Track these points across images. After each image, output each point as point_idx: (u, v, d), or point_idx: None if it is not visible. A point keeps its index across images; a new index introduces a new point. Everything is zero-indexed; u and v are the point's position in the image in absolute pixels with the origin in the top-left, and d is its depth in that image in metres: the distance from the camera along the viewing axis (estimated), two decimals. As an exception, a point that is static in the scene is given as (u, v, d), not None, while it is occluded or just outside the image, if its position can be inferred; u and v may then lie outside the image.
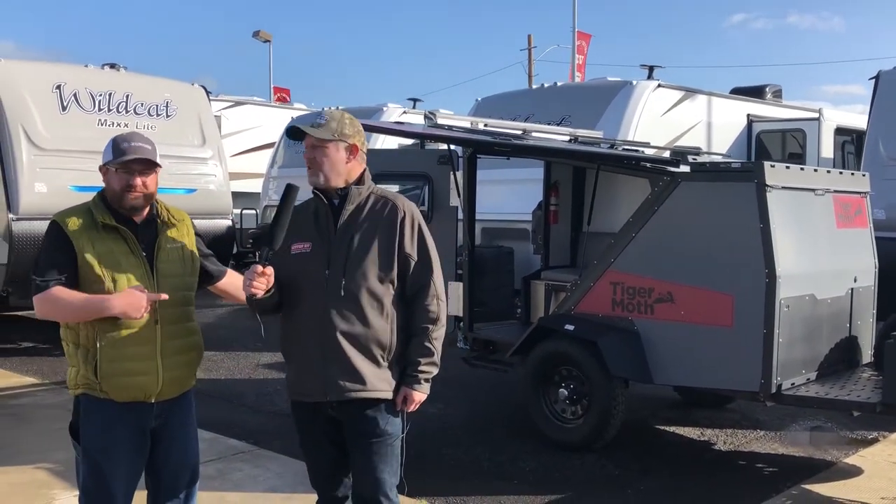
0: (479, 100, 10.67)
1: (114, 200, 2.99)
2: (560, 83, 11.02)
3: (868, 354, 5.84)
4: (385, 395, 2.99)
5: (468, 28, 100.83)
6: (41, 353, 8.52)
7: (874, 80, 8.33)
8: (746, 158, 10.09)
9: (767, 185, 4.93)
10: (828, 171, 5.91)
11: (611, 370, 5.35)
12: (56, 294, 2.87)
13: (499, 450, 5.64)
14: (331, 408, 2.99)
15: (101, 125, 8.63)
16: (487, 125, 6.47)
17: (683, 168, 5.43)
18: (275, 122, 14.98)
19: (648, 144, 7.60)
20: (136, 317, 2.87)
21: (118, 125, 8.64)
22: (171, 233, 3.09)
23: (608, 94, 9.37)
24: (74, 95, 8.64)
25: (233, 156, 14.03)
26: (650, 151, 7.32)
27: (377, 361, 2.96)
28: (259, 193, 14.05)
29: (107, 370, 2.90)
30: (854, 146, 10.54)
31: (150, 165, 3.01)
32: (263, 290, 2.87)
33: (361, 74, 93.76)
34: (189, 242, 3.15)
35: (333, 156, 2.98)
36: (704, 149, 9.31)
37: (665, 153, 7.33)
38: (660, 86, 9.45)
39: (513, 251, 7.40)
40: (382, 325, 2.95)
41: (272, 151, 14.06)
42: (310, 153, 2.99)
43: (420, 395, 3.02)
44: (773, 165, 5.09)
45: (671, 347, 5.27)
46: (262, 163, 14.39)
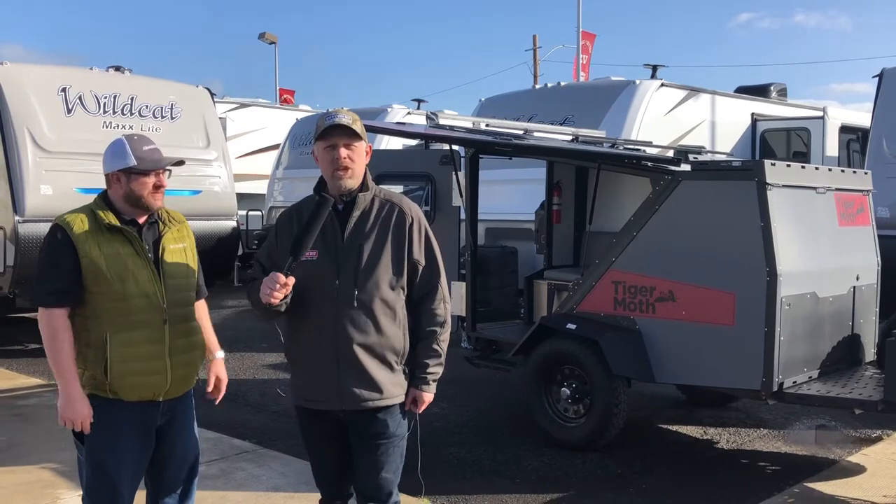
0: (483, 100, 10.69)
1: (134, 202, 3.00)
2: (563, 83, 11.03)
3: (870, 352, 5.82)
4: (399, 400, 3.00)
5: (473, 29, 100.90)
6: (48, 355, 8.54)
7: (878, 78, 8.31)
8: (751, 157, 10.07)
9: (768, 184, 4.93)
10: (829, 170, 5.90)
11: (613, 369, 5.36)
12: (56, 323, 2.91)
13: (501, 449, 5.65)
14: (342, 412, 2.98)
15: (106, 127, 8.69)
16: (489, 125, 6.49)
17: (684, 167, 5.44)
18: (280, 124, 15.03)
19: (651, 143, 7.60)
20: (62, 423, 2.92)
21: (123, 127, 8.71)
22: (173, 234, 3.12)
23: (611, 94, 9.37)
24: (79, 98, 8.70)
25: (238, 157, 14.09)
26: (653, 150, 7.32)
27: (391, 367, 2.96)
28: (264, 195, 14.10)
29: (118, 370, 2.92)
30: (859, 144, 10.50)
31: (176, 164, 3.09)
32: (281, 300, 2.83)
33: (366, 75, 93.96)
34: (189, 244, 3.19)
35: (362, 156, 2.94)
36: (708, 148, 9.31)
37: (668, 152, 7.33)
38: (663, 85, 9.44)
39: (517, 251, 7.41)
40: (396, 332, 2.95)
41: (277, 153, 14.11)
42: (343, 152, 2.88)
43: (429, 397, 3.04)
44: (774, 164, 5.09)
45: (673, 346, 5.27)
46: (268, 164, 14.45)
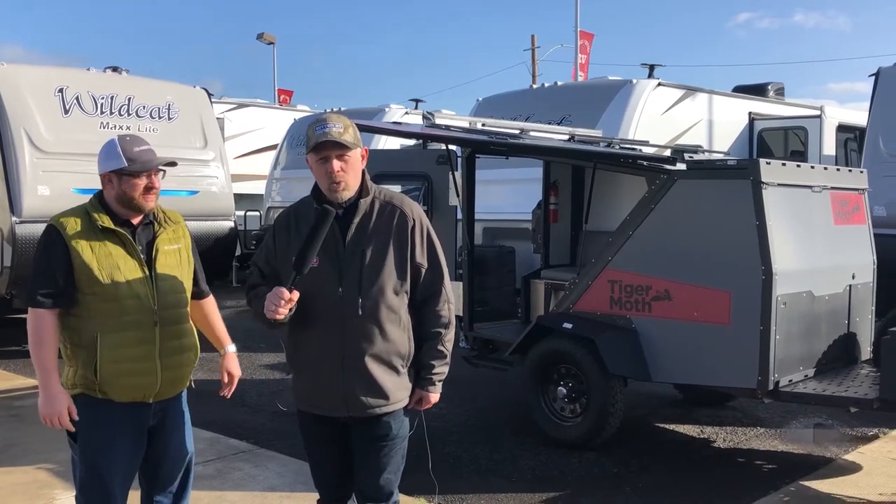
0: (480, 100, 10.69)
1: (127, 204, 2.99)
2: (560, 83, 11.02)
3: (867, 351, 5.83)
4: (404, 403, 2.99)
5: (472, 29, 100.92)
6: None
7: (874, 77, 8.32)
8: (748, 156, 10.08)
9: (763, 183, 4.93)
10: (825, 168, 5.91)
11: (609, 368, 5.37)
12: (43, 323, 2.93)
13: (498, 448, 5.66)
14: (346, 417, 2.96)
15: (104, 128, 8.69)
16: (485, 125, 6.49)
17: (680, 166, 5.44)
18: (278, 124, 15.02)
19: (647, 143, 7.61)
20: (43, 420, 2.95)
21: (120, 128, 8.71)
22: (168, 235, 3.11)
23: (608, 93, 9.37)
24: (77, 98, 8.70)
25: (236, 157, 14.08)
26: (650, 150, 7.32)
27: (397, 371, 2.95)
28: (262, 195, 14.10)
29: (107, 371, 2.93)
30: (857, 143, 10.51)
31: (168, 165, 3.08)
32: (286, 314, 2.80)
33: (365, 75, 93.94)
34: (185, 245, 3.18)
35: (356, 164, 2.89)
36: (706, 147, 9.31)
37: (665, 151, 7.33)
38: (660, 84, 9.44)
39: (514, 250, 7.41)
40: (401, 337, 2.93)
41: (275, 153, 14.10)
42: (336, 165, 2.82)
43: (434, 397, 3.04)
44: (769, 163, 5.09)
45: (669, 345, 5.28)
46: (266, 164, 14.44)
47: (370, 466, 3.00)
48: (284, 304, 2.77)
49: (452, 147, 6.63)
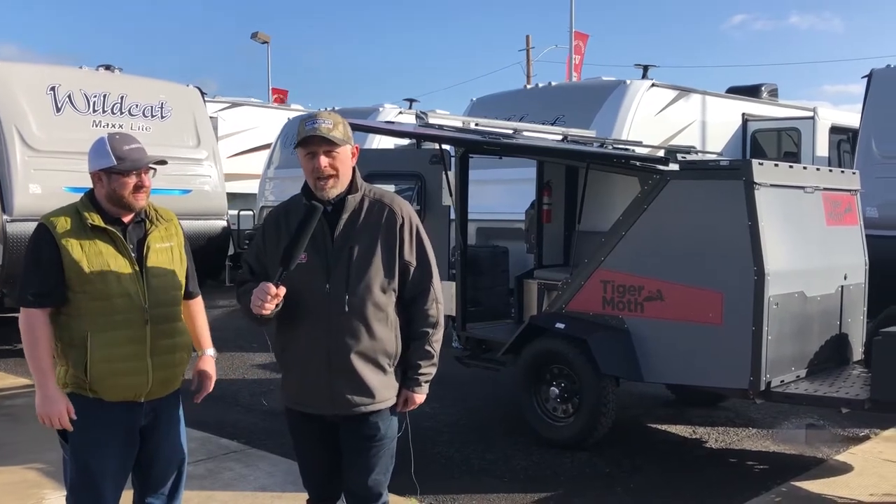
0: (474, 100, 10.70)
1: (117, 202, 2.98)
2: (554, 83, 11.03)
3: (858, 352, 5.84)
4: (391, 403, 2.98)
5: (467, 29, 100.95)
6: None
7: (867, 79, 8.35)
8: (741, 157, 10.10)
9: (755, 183, 4.94)
10: (817, 169, 5.93)
11: (601, 368, 5.36)
12: (35, 323, 2.91)
13: (490, 448, 5.65)
14: (333, 416, 2.96)
15: (96, 126, 8.65)
16: (479, 125, 6.49)
17: (672, 166, 5.45)
18: (272, 124, 15.00)
19: (640, 143, 7.61)
20: (41, 420, 2.93)
21: (113, 126, 8.67)
22: (160, 232, 3.09)
23: (602, 94, 9.39)
24: (69, 97, 8.66)
25: (230, 157, 14.06)
26: (643, 150, 7.33)
27: (384, 370, 2.93)
28: (256, 194, 14.07)
29: (97, 370, 2.91)
30: (850, 145, 10.55)
31: (158, 163, 3.07)
32: (272, 310, 2.80)
33: (359, 75, 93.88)
34: (178, 242, 3.16)
35: (346, 160, 2.88)
36: (699, 148, 9.33)
37: (659, 152, 7.34)
38: (654, 85, 9.47)
39: (508, 251, 7.41)
40: (388, 335, 2.92)
41: (269, 152, 14.09)
42: (324, 161, 2.82)
43: (420, 398, 3.02)
44: (762, 163, 5.10)
45: (661, 345, 5.28)
46: (259, 164, 14.42)
47: (359, 466, 2.99)
48: (271, 300, 2.76)
49: (446, 147, 6.62)
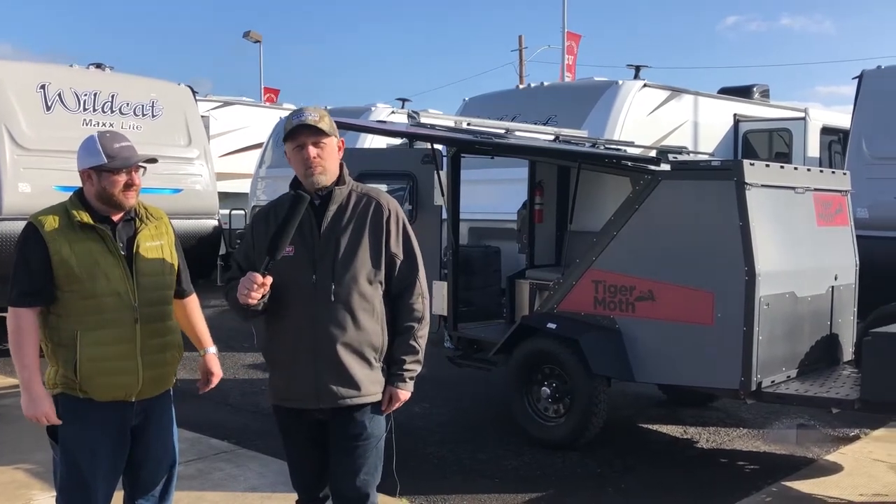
0: (467, 99, 10.68)
1: (107, 201, 2.97)
2: (547, 83, 11.03)
3: (849, 352, 5.85)
4: (377, 398, 2.97)
5: (459, 29, 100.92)
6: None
7: (857, 80, 8.37)
8: (733, 158, 10.12)
9: (747, 184, 4.95)
10: (808, 170, 5.94)
11: (592, 368, 5.36)
12: (23, 322, 2.91)
13: (482, 448, 5.65)
14: (319, 412, 2.95)
15: (86, 125, 8.60)
16: (471, 124, 6.48)
17: (664, 167, 5.45)
18: (263, 123, 14.94)
19: (632, 143, 7.62)
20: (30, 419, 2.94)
21: (103, 125, 8.61)
22: (150, 231, 3.08)
23: (594, 94, 9.38)
24: (59, 95, 8.61)
25: (221, 156, 14.01)
26: (635, 150, 7.33)
27: (370, 363, 2.93)
28: (248, 194, 14.02)
29: (87, 370, 2.90)
30: (841, 145, 10.58)
31: (149, 161, 3.04)
32: (259, 299, 2.81)
33: (351, 75, 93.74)
34: (168, 241, 3.14)
35: (333, 152, 2.93)
36: (691, 148, 9.35)
37: (650, 152, 7.35)
38: (646, 85, 9.47)
39: (500, 250, 7.41)
40: (374, 327, 2.92)
41: (260, 152, 14.04)
42: (313, 151, 2.86)
43: (405, 394, 3.00)
44: (753, 164, 5.11)
45: (652, 345, 5.28)
46: (251, 163, 14.36)
47: (345, 466, 2.98)
48: (257, 289, 2.77)
49: (438, 146, 6.61)
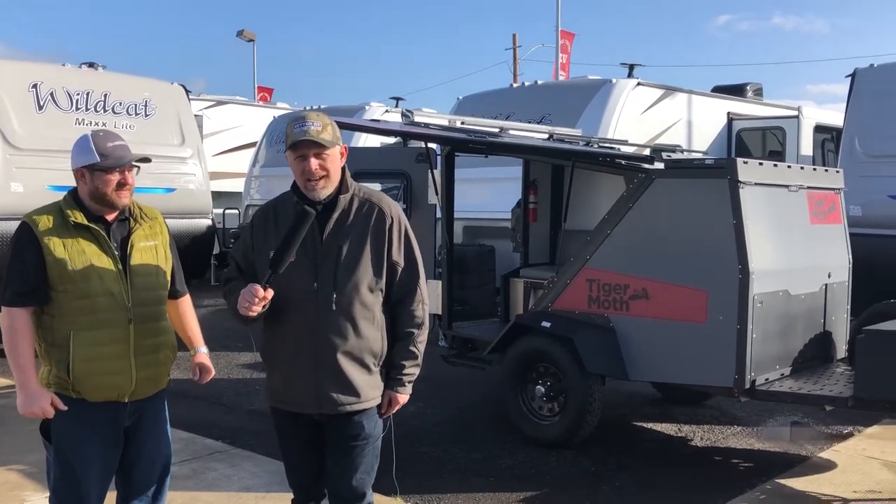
0: (461, 98, 10.68)
1: (100, 200, 2.95)
2: (541, 82, 11.04)
3: (842, 350, 5.87)
4: (376, 402, 2.98)
5: (453, 27, 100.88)
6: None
7: (850, 78, 8.40)
8: (727, 156, 10.14)
9: (740, 182, 4.95)
10: (802, 168, 5.95)
11: (587, 367, 5.37)
12: (17, 322, 2.88)
13: (476, 447, 5.64)
14: (318, 415, 2.95)
15: (79, 124, 8.59)
16: (465, 123, 6.47)
17: (658, 165, 5.46)
18: (257, 122, 14.93)
19: (625, 142, 7.62)
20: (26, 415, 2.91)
21: (96, 124, 8.60)
22: (144, 231, 3.07)
23: (588, 93, 9.40)
24: (51, 94, 8.59)
25: (215, 155, 13.99)
26: (629, 149, 7.34)
27: (369, 369, 2.93)
28: (241, 193, 14.00)
29: (80, 370, 2.89)
30: (834, 144, 10.61)
31: (142, 161, 3.02)
32: (259, 311, 2.80)
33: (345, 73, 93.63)
34: (162, 241, 3.13)
35: (336, 161, 2.89)
36: (685, 147, 9.36)
37: (644, 151, 7.36)
38: (639, 84, 9.48)
39: (494, 249, 7.41)
40: (374, 334, 2.92)
41: (254, 151, 14.02)
42: (314, 164, 2.82)
43: (404, 398, 3.02)
44: (746, 162, 5.11)
45: (646, 344, 5.29)
46: (245, 162, 14.35)
47: (342, 466, 2.98)
48: (258, 302, 2.76)
49: (432, 145, 6.61)
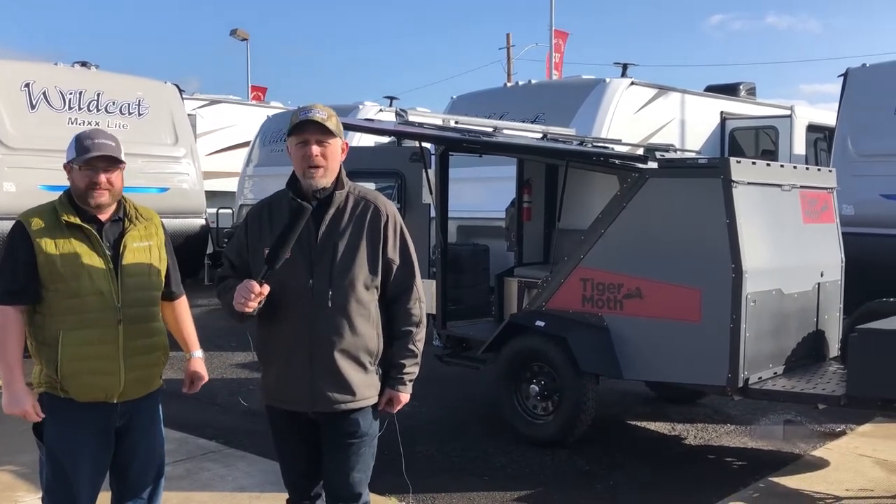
0: (455, 98, 10.68)
1: (80, 199, 2.96)
2: (535, 81, 11.04)
3: (835, 348, 5.89)
4: (372, 401, 2.97)
5: (447, 26, 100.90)
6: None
7: (843, 78, 8.43)
8: (720, 155, 10.17)
9: (733, 181, 4.97)
10: (794, 167, 5.97)
11: (581, 366, 5.38)
12: (6, 321, 2.88)
13: (471, 446, 5.65)
14: (313, 413, 2.94)
15: (72, 124, 8.56)
16: (459, 122, 6.47)
17: (651, 164, 5.47)
18: (250, 121, 14.91)
19: (619, 141, 7.64)
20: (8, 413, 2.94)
21: (89, 124, 8.56)
22: (138, 231, 3.05)
23: (582, 92, 9.42)
24: (44, 94, 8.55)
25: (208, 154, 13.96)
26: (623, 148, 7.35)
27: (365, 368, 2.92)
28: (235, 192, 13.98)
29: (68, 369, 2.88)
30: (826, 143, 10.65)
31: (114, 162, 2.97)
32: (255, 308, 2.79)
33: (339, 73, 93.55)
34: (157, 242, 3.11)
35: (336, 154, 2.88)
36: (678, 146, 9.38)
37: (638, 150, 7.37)
38: (633, 83, 9.51)
39: (488, 248, 7.42)
40: (370, 332, 2.91)
41: (248, 150, 14.00)
42: (316, 150, 2.81)
43: (405, 397, 3.01)
44: (739, 161, 5.13)
45: (640, 343, 5.30)
46: (238, 161, 14.32)
47: (339, 465, 2.97)
48: (254, 298, 2.75)
49: (426, 145, 6.61)
